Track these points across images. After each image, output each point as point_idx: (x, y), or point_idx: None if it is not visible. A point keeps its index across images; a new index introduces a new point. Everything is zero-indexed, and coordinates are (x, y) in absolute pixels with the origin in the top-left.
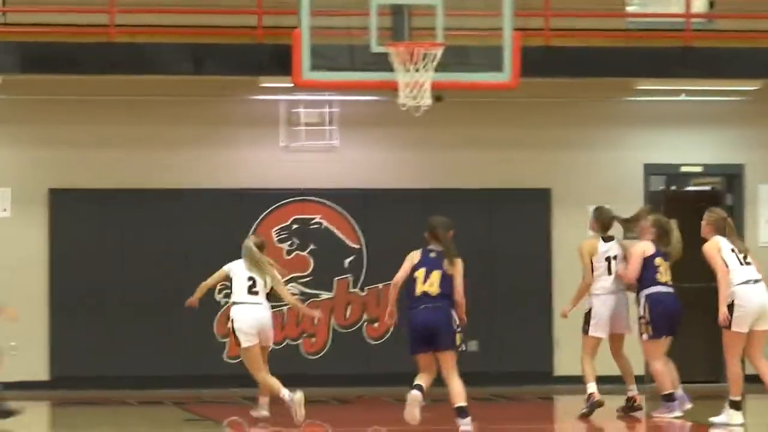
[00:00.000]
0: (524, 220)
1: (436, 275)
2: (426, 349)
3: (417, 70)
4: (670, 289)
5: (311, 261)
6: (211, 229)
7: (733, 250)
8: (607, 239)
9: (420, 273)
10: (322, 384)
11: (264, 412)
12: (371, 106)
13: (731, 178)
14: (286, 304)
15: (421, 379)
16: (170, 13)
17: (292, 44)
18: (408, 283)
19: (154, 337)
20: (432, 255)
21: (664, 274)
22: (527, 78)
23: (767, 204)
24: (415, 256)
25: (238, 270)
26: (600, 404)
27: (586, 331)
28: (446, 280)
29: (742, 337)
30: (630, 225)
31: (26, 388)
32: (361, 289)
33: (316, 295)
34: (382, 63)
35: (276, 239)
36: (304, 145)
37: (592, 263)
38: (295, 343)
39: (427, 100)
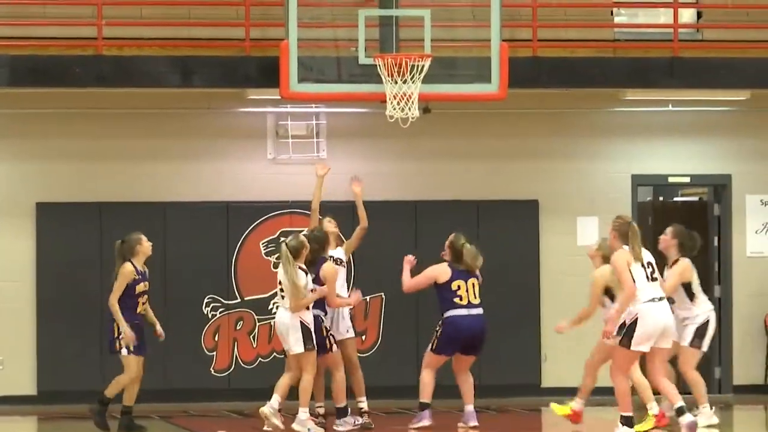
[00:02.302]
0: (512, 231)
1: None
2: None
3: (405, 82)
4: (472, 311)
5: None
6: (198, 243)
7: (642, 265)
8: None
9: None
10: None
11: None
12: (359, 118)
13: (719, 188)
14: (273, 317)
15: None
16: (158, 26)
17: (279, 56)
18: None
19: None
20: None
21: (464, 296)
22: (515, 89)
23: (754, 214)
24: None
25: None
26: None
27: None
28: None
29: (638, 356)
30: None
31: (13, 402)
32: None
33: None
34: (370, 75)
35: (263, 252)
36: (292, 157)
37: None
38: (282, 356)
39: (415, 112)
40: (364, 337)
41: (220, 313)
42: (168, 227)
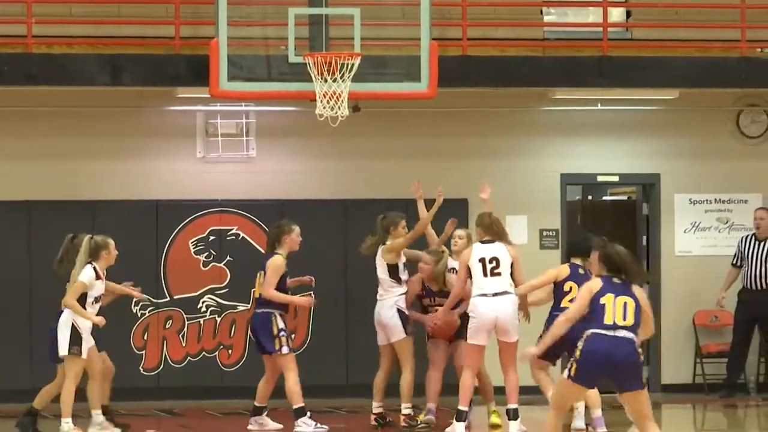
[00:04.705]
0: (442, 230)
1: None
2: None
3: (334, 81)
4: None
5: (228, 272)
6: (127, 241)
7: (482, 260)
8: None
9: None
10: (238, 396)
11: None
12: (288, 117)
13: (647, 187)
14: (202, 315)
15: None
16: (87, 24)
17: (209, 55)
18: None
19: None
20: None
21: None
22: (444, 88)
23: (683, 213)
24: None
25: None
26: None
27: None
28: None
29: (478, 349)
30: None
31: None
32: None
33: (233, 307)
34: (300, 73)
35: (193, 251)
36: (221, 156)
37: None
38: (211, 355)
39: (344, 111)
40: (293, 336)
41: (149, 311)
42: (97, 226)
